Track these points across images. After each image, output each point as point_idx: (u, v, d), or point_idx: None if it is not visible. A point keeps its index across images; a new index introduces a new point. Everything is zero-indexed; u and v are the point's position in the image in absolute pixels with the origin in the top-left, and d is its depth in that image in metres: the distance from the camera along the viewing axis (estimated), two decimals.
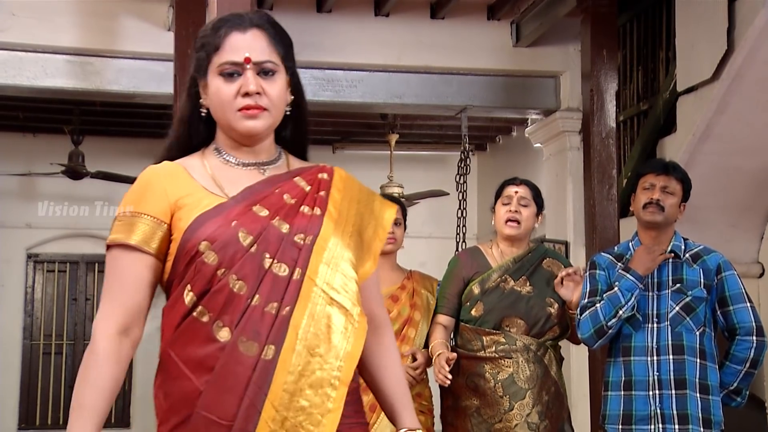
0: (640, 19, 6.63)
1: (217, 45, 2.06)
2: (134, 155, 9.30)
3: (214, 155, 2.15)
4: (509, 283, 4.02)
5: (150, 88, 6.54)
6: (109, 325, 2.01)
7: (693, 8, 5.63)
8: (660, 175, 3.81)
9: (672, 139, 5.96)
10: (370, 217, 2.18)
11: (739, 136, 5.48)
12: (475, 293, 4.05)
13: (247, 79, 2.04)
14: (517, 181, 4.21)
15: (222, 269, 1.97)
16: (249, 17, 2.09)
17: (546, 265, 4.11)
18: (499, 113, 7.79)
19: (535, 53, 7.00)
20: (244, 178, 2.11)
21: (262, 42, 2.07)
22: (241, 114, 2.06)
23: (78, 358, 9.66)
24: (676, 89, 5.86)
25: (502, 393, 3.89)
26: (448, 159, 9.35)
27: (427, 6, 6.82)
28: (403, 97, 6.89)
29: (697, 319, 3.69)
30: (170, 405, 2.00)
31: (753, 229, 6.03)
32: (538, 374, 3.91)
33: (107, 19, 6.40)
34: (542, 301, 4.00)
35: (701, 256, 3.79)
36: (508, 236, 4.09)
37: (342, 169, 2.22)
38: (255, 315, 1.95)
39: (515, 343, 3.93)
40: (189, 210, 2.03)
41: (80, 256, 9.83)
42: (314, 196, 2.11)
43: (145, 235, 2.03)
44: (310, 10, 6.63)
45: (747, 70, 5.22)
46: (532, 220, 4.12)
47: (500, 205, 4.15)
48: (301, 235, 2.03)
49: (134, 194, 2.08)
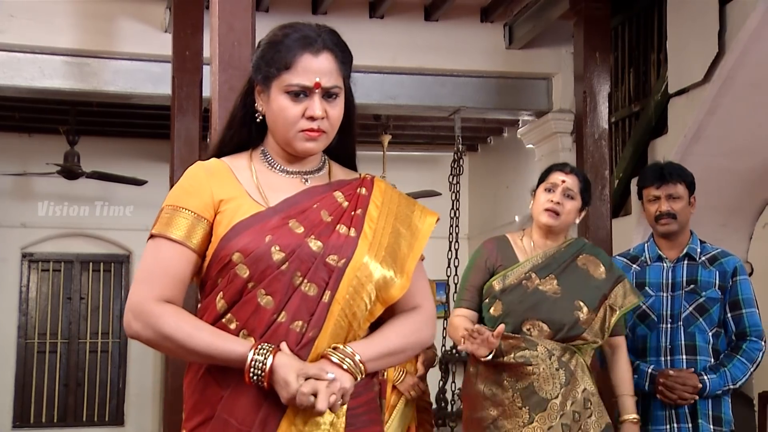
0: (632, 22, 6.70)
1: (288, 63, 2.06)
2: (130, 155, 9.40)
3: (261, 159, 2.18)
4: (533, 282, 3.55)
5: (146, 89, 6.61)
6: (152, 296, 2.04)
7: (685, 11, 5.71)
8: (660, 186, 3.81)
9: (663, 140, 6.03)
10: (407, 231, 2.17)
11: (729, 137, 5.55)
12: (495, 290, 3.58)
13: (314, 104, 2.07)
14: (567, 169, 3.69)
15: (252, 282, 2.01)
16: (321, 38, 2.09)
17: (581, 263, 3.61)
18: (493, 114, 7.86)
19: (527, 55, 7.08)
20: (285, 185, 2.14)
21: (331, 65, 2.09)
22: (303, 135, 2.09)
23: (72, 356, 9.74)
24: (667, 91, 5.94)
25: (521, 404, 3.42)
26: (440, 159, 9.42)
27: (421, 8, 6.90)
28: (397, 98, 6.97)
29: (710, 320, 3.72)
30: (194, 404, 2.07)
31: (742, 229, 6.11)
32: (562, 382, 3.42)
33: (104, 20, 6.46)
34: (570, 303, 3.50)
35: (718, 258, 3.81)
36: (544, 226, 3.60)
37: (382, 181, 2.24)
38: (280, 331, 2.00)
39: (536, 348, 3.45)
40: (229, 215, 2.07)
41: (75, 255, 9.85)
42: (351, 214, 2.12)
43: (187, 231, 2.07)
44: (305, 11, 6.71)
45: (738, 72, 5.30)
46: (574, 214, 3.63)
47: (542, 191, 3.65)
48: (335, 256, 2.05)
49: (180, 188, 2.13)
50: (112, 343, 9.94)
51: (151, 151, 9.39)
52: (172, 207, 2.10)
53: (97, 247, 9.88)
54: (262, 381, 1.94)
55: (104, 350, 9.93)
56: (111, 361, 9.92)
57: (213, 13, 3.77)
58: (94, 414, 9.84)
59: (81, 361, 9.84)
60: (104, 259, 9.94)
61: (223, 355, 1.98)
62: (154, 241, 2.09)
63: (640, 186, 3.92)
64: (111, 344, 9.94)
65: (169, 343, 2.01)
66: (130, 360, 9.86)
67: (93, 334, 9.90)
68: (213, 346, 1.98)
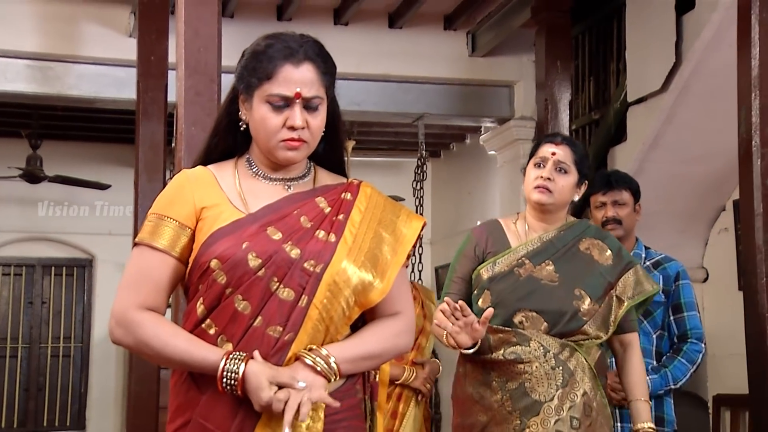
0: (593, 32, 6.78)
1: (269, 74, 2.10)
2: (93, 159, 9.36)
3: (245, 166, 2.22)
4: (527, 268, 3.15)
5: (110, 94, 6.61)
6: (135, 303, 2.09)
7: (643, 22, 5.80)
8: (606, 192, 3.94)
9: (622, 147, 6.11)
10: (391, 236, 2.19)
11: (686, 145, 5.64)
12: (483, 279, 3.18)
13: (295, 114, 2.10)
14: (558, 139, 3.28)
15: (230, 288, 2.05)
16: (303, 48, 2.12)
17: (584, 248, 3.21)
18: (456, 121, 7.93)
19: (490, 63, 7.15)
20: (268, 192, 2.18)
21: (313, 76, 2.11)
22: (284, 144, 2.12)
23: (33, 361, 9.67)
24: (626, 100, 6.02)
25: (511, 407, 3.02)
26: (403, 165, 9.49)
27: (386, 15, 6.95)
28: (362, 105, 7.01)
29: (654, 323, 3.85)
30: (178, 405, 2.12)
31: (698, 235, 6.21)
32: (559, 383, 3.01)
33: (68, 24, 6.45)
34: (569, 292, 3.10)
35: (662, 263, 3.91)
36: (537, 205, 3.20)
37: (369, 186, 2.26)
38: (256, 335, 2.03)
39: (528, 344, 3.05)
40: (210, 222, 2.11)
41: (37, 259, 9.78)
42: (332, 219, 2.15)
43: (171, 240, 2.12)
44: (270, 18, 6.73)
45: (694, 81, 5.38)
46: (570, 190, 3.22)
47: (531, 166, 3.24)
48: (312, 261, 2.07)
49: (165, 197, 2.19)
50: (74, 348, 9.87)
51: (115, 156, 9.35)
52: (157, 215, 2.15)
53: (59, 251, 9.82)
54: (236, 389, 1.98)
55: (66, 354, 9.86)
56: (73, 365, 9.85)
57: (179, 18, 3.79)
58: (55, 418, 9.76)
59: (42, 365, 9.77)
60: (66, 263, 9.87)
61: (197, 363, 2.03)
62: (138, 249, 2.14)
63: (587, 193, 3.92)
64: (73, 348, 9.87)
65: (147, 350, 2.07)
66: (92, 364, 9.80)
67: (55, 339, 9.83)
68: (188, 354, 2.03)
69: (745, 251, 3.79)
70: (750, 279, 3.67)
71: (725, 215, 6.11)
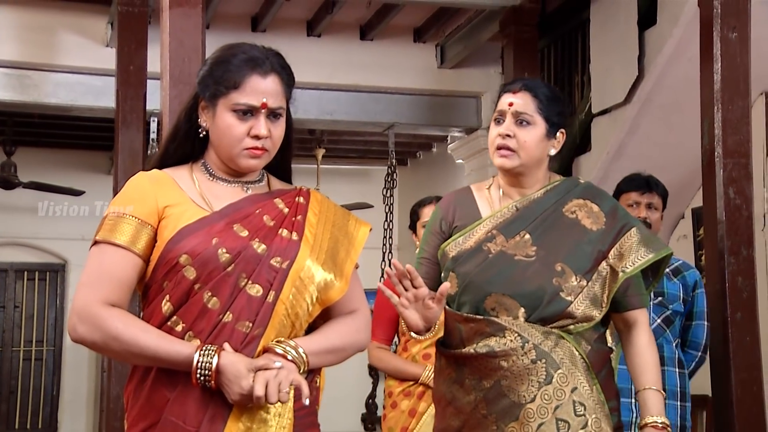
0: (558, 45, 6.91)
1: (236, 83, 2.13)
2: (68, 166, 9.40)
3: (202, 170, 2.24)
4: (497, 243, 2.59)
5: (87, 102, 6.70)
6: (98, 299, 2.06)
7: (607, 36, 5.95)
8: (645, 193, 3.89)
9: (587, 157, 6.26)
10: (344, 238, 2.23)
11: (648, 155, 5.76)
12: (448, 258, 2.65)
13: (260, 123, 2.14)
14: (516, 86, 2.68)
15: (198, 284, 2.06)
16: (270, 60, 2.17)
17: (569, 211, 2.63)
18: (424, 130, 8.12)
19: (458, 74, 7.32)
20: (228, 193, 2.20)
21: (278, 87, 2.17)
22: (247, 153, 2.16)
23: (6, 364, 9.69)
24: (591, 111, 6.17)
25: (486, 411, 2.52)
26: (372, 173, 9.65)
27: (357, 28, 7.10)
28: (333, 114, 7.15)
29: (674, 331, 3.83)
30: (139, 409, 2.10)
31: None
32: (541, 380, 2.49)
33: (45, 33, 6.53)
34: (548, 269, 2.54)
35: (681, 271, 3.89)
36: (501, 169, 2.66)
37: (318, 192, 2.31)
38: (225, 331, 2.05)
39: (504, 334, 2.51)
40: (174, 220, 2.11)
41: (9, 264, 9.82)
42: (292, 219, 2.18)
43: (132, 236, 2.10)
44: (245, 28, 6.87)
45: (656, 94, 5.55)
46: (538, 144, 2.62)
47: (492, 125, 2.69)
48: (278, 258, 2.11)
49: (123, 196, 2.17)
50: (47, 351, 9.91)
51: (89, 163, 9.43)
52: (116, 214, 2.13)
53: (32, 256, 9.85)
54: (210, 381, 1.99)
55: (38, 358, 9.90)
56: (45, 368, 9.89)
57: (164, 29, 3.88)
58: (27, 421, 9.80)
59: (14, 368, 9.80)
60: (39, 267, 9.91)
61: (169, 357, 2.01)
62: (98, 248, 2.12)
63: (622, 189, 3.95)
64: (45, 352, 9.91)
65: (116, 344, 2.03)
66: (64, 367, 9.83)
67: (27, 342, 9.86)
68: (160, 347, 2.01)
69: (707, 258, 3.86)
70: (712, 284, 3.73)
71: (684, 223, 6.27)
